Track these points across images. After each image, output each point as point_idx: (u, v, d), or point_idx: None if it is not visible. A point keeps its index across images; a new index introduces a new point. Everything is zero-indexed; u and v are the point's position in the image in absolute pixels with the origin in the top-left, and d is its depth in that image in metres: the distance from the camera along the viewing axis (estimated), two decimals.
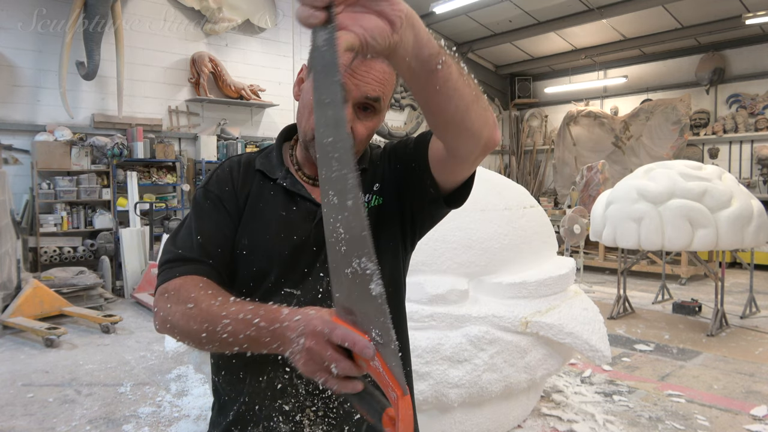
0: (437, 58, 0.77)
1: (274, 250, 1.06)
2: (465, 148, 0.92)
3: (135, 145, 7.00)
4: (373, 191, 1.11)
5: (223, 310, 0.85)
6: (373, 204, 1.10)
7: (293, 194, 1.09)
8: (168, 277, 0.99)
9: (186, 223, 1.08)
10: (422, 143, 1.05)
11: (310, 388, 1.03)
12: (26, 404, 3.38)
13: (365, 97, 0.99)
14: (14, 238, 5.27)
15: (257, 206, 1.09)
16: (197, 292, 0.92)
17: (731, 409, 3.23)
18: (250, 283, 1.07)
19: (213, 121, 8.10)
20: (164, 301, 0.95)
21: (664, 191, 4.62)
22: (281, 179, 1.10)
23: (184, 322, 0.90)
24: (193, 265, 1.00)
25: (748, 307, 5.36)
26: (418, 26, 0.74)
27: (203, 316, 0.86)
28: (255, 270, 1.06)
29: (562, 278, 2.94)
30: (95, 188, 6.68)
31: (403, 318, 1.19)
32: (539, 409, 3.19)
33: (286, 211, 1.08)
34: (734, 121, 9.23)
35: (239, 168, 1.13)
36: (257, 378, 1.05)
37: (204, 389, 3.52)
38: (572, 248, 7.47)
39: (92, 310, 5.35)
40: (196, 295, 0.91)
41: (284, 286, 1.06)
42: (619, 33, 9.77)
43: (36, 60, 6.55)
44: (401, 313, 1.18)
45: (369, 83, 0.98)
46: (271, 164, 1.13)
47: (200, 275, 0.99)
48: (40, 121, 6.60)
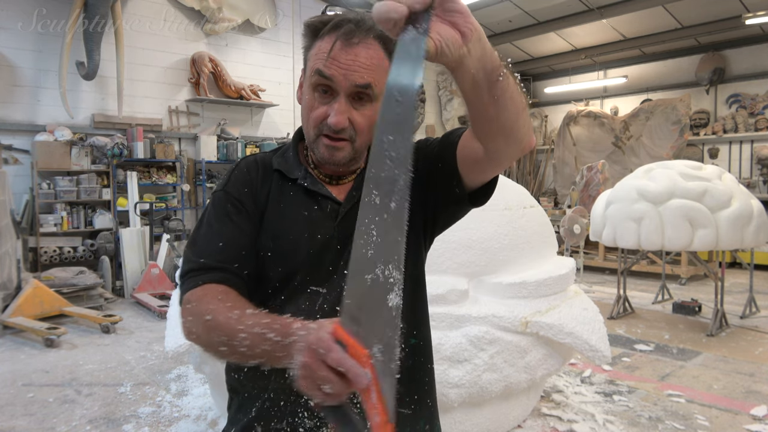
0: (499, 70, 0.80)
1: (299, 249, 1.06)
2: (508, 152, 0.94)
3: (135, 145, 7.01)
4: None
5: (240, 324, 0.84)
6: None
7: (314, 193, 1.09)
8: (190, 287, 0.98)
9: (205, 227, 1.07)
10: (450, 144, 1.05)
11: None
12: (26, 404, 3.38)
13: (354, 85, 0.98)
14: (14, 238, 5.27)
15: (278, 207, 1.09)
16: (216, 304, 0.91)
17: (731, 409, 3.23)
18: (277, 284, 1.06)
19: (213, 121, 8.10)
20: (187, 313, 0.95)
21: (664, 191, 4.62)
22: (301, 179, 1.10)
23: (205, 335, 0.89)
24: (215, 273, 0.99)
25: (748, 307, 5.36)
26: (484, 40, 0.77)
27: (221, 329, 0.86)
28: (281, 271, 1.06)
29: (562, 278, 2.94)
30: (95, 188, 6.69)
31: (426, 314, 1.19)
32: (539, 409, 3.19)
33: (308, 211, 1.08)
34: (734, 121, 9.23)
35: (257, 168, 1.13)
36: (283, 374, 1.04)
37: (204, 389, 3.52)
38: (572, 248, 7.47)
39: (92, 310, 5.35)
40: (214, 307, 0.90)
41: (310, 285, 1.05)
42: (619, 33, 9.77)
43: (36, 60, 6.55)
44: (424, 308, 1.18)
45: (356, 71, 0.98)
46: (289, 164, 1.13)
47: (222, 284, 0.98)
48: (40, 121, 6.60)
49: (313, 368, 0.69)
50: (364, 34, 0.99)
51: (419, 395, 1.12)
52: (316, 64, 1.00)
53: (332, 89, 1.00)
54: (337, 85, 0.99)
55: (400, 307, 0.67)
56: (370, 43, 0.99)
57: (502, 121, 0.87)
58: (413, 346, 1.12)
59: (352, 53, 0.98)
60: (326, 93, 1.01)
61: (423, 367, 1.15)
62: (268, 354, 0.80)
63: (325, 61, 0.98)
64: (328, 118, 1.00)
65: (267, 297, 1.07)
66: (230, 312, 0.88)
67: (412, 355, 1.12)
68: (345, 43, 0.98)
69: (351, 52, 0.98)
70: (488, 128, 0.90)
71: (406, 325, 1.10)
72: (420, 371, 1.14)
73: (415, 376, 1.12)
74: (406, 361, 1.10)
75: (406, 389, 1.09)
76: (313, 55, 1.03)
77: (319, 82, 1.00)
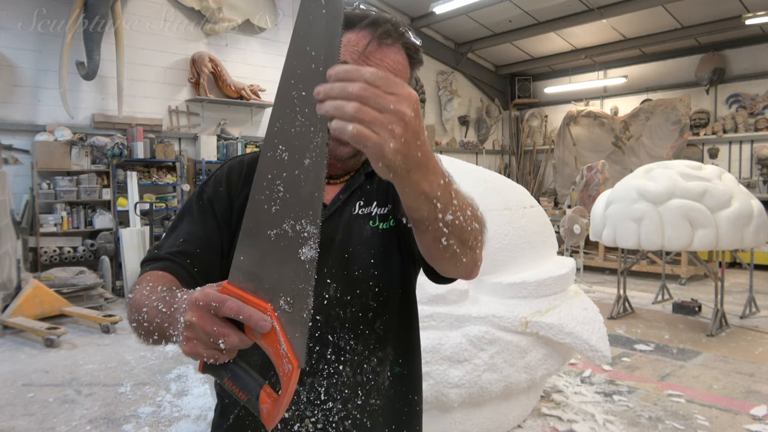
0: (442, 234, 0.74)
1: None
2: (452, 274, 0.93)
3: (135, 145, 7.00)
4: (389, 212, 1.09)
5: (146, 300, 0.80)
6: (389, 225, 1.08)
7: None
8: (139, 275, 0.97)
9: (174, 222, 1.07)
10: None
11: (312, 396, 1.02)
12: (26, 404, 3.38)
13: None
14: (14, 238, 5.27)
15: None
16: (143, 285, 0.88)
17: (731, 409, 3.23)
18: None
19: (213, 121, 8.10)
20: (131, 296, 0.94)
21: (664, 191, 4.62)
22: None
23: (127, 314, 0.87)
24: (161, 262, 0.98)
25: (748, 307, 5.36)
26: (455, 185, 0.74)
27: (134, 306, 0.83)
28: None
29: (562, 278, 2.94)
30: (95, 188, 6.68)
31: (416, 344, 1.16)
32: (539, 409, 3.19)
33: None
34: (734, 121, 9.24)
35: (241, 169, 1.10)
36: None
37: (204, 389, 3.52)
38: (572, 248, 7.47)
39: (92, 310, 5.35)
40: (140, 287, 0.87)
41: None
42: (619, 33, 9.77)
43: (36, 60, 6.55)
44: (413, 337, 1.15)
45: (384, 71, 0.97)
46: None
47: (164, 270, 0.96)
48: (40, 121, 6.60)
49: (202, 324, 0.64)
50: (396, 38, 0.98)
51: (396, 426, 1.08)
52: (344, 55, 0.97)
53: None
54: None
55: (315, 260, 0.65)
56: (399, 49, 0.98)
57: (443, 262, 0.84)
58: (396, 374, 1.08)
59: (383, 54, 0.96)
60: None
61: (404, 398, 1.10)
62: (160, 328, 0.75)
63: (356, 55, 0.96)
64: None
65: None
66: (146, 290, 0.85)
67: (394, 384, 1.08)
68: (379, 43, 0.96)
69: (383, 52, 0.96)
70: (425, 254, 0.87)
71: (392, 351, 1.07)
72: (399, 402, 1.09)
73: (394, 405, 1.08)
74: (388, 390, 1.07)
75: (385, 420, 1.06)
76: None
77: None
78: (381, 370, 1.05)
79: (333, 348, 1.02)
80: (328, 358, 1.02)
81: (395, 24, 0.98)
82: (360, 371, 1.03)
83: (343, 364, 1.02)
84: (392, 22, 0.98)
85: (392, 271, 1.07)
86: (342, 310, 1.02)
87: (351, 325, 1.03)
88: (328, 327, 1.02)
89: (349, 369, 1.02)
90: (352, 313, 1.03)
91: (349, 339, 1.03)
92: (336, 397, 1.01)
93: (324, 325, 1.01)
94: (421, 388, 1.16)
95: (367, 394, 1.04)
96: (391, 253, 1.06)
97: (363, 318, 1.04)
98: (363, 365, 1.03)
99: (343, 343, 1.02)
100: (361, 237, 1.05)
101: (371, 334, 1.04)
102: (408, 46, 1.00)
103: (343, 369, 1.02)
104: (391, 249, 1.06)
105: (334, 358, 1.02)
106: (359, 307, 1.03)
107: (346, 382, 1.02)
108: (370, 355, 1.04)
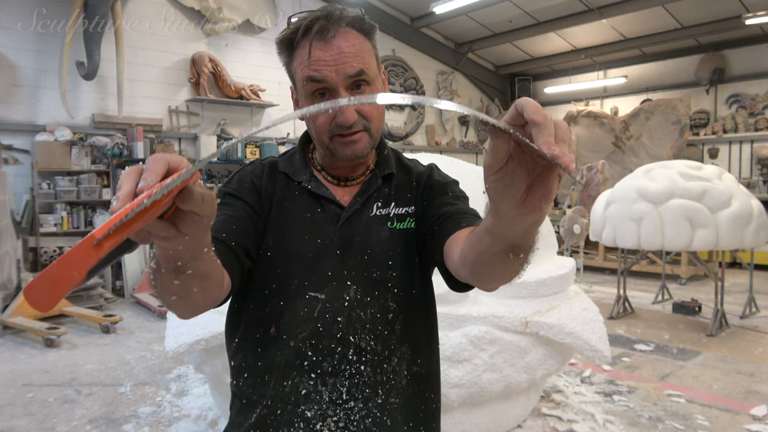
0: (529, 252, 0.74)
1: (298, 251, 1.05)
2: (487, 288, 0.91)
3: (135, 145, 7.01)
4: (409, 213, 1.10)
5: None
6: (407, 225, 1.09)
7: (318, 196, 1.08)
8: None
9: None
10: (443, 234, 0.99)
11: (334, 396, 1.03)
12: (26, 404, 3.38)
13: (348, 76, 0.97)
14: (14, 238, 5.27)
15: (283, 206, 1.08)
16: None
17: (731, 409, 3.23)
18: (274, 285, 1.05)
19: (213, 121, 8.10)
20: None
21: (664, 191, 4.62)
22: (305, 182, 1.09)
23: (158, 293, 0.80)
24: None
25: (748, 307, 5.36)
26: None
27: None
28: (279, 272, 1.05)
29: (562, 278, 2.94)
30: (95, 188, 6.68)
31: (435, 344, 1.17)
32: (539, 409, 3.19)
33: (311, 213, 1.07)
34: (734, 121, 9.24)
35: (263, 169, 1.12)
36: (282, 382, 1.04)
37: (204, 389, 3.52)
38: (572, 248, 7.47)
39: (92, 310, 5.35)
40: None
41: (308, 290, 1.04)
42: (619, 33, 9.77)
43: (36, 60, 6.55)
44: (431, 337, 1.16)
45: (344, 62, 0.97)
46: (294, 166, 1.12)
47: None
48: (40, 121, 6.59)
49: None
50: (336, 25, 0.98)
51: (414, 423, 1.09)
52: (303, 73, 0.99)
53: (329, 89, 0.99)
54: (332, 84, 0.98)
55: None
56: (346, 32, 0.98)
57: (493, 278, 0.83)
58: (414, 373, 1.09)
59: (334, 47, 0.97)
60: (324, 96, 1.00)
61: (421, 396, 1.11)
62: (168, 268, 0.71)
63: (310, 65, 0.97)
64: (335, 119, 0.99)
65: (265, 299, 1.06)
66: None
67: (411, 383, 1.09)
68: (322, 41, 0.97)
69: (331, 46, 0.97)
70: (483, 280, 0.86)
71: (409, 351, 1.08)
72: (416, 400, 1.10)
73: (412, 404, 1.09)
74: (406, 389, 1.08)
75: (404, 418, 1.07)
76: (296, 66, 1.02)
77: (314, 88, 0.99)
78: (399, 370, 1.07)
79: (354, 349, 1.03)
80: (349, 358, 1.03)
81: (327, 15, 0.98)
82: (380, 371, 1.05)
83: (364, 364, 1.03)
84: (324, 16, 0.98)
85: (410, 272, 1.08)
86: (363, 312, 1.04)
87: (371, 326, 1.04)
88: (350, 328, 1.03)
89: (369, 369, 1.04)
90: (372, 314, 1.04)
91: (369, 340, 1.04)
92: (357, 396, 1.03)
93: (345, 326, 1.03)
94: (438, 386, 1.18)
95: (387, 393, 1.05)
96: (408, 254, 1.08)
97: (382, 319, 1.05)
98: (383, 365, 1.05)
99: (364, 344, 1.04)
100: (380, 238, 1.06)
101: (390, 334, 1.06)
102: (353, 24, 1.00)
103: (364, 369, 1.03)
104: (409, 250, 1.08)
105: (356, 359, 1.03)
106: (378, 308, 1.05)
107: (367, 381, 1.04)
108: (390, 355, 1.06)
